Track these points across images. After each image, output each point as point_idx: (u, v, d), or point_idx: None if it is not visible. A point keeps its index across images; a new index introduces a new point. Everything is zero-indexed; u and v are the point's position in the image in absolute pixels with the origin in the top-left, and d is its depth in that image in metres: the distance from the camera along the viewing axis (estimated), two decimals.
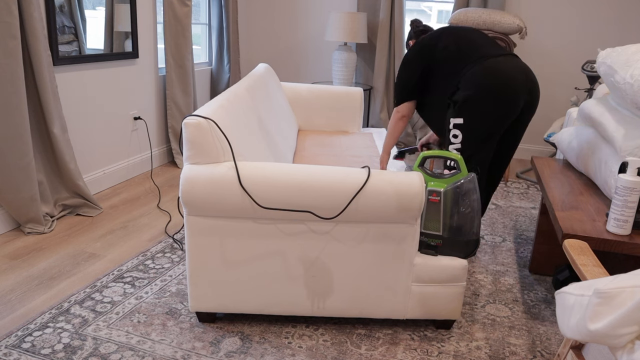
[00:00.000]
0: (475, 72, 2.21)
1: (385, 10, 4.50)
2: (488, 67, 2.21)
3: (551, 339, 1.96)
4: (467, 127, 2.23)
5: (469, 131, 2.23)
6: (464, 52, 2.30)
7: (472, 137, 2.23)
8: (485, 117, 2.20)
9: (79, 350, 1.75)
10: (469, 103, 2.20)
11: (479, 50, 2.29)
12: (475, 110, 2.20)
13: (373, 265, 1.82)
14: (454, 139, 2.27)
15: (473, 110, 2.20)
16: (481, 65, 2.22)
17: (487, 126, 2.22)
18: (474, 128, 2.23)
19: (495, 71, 2.19)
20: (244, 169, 1.70)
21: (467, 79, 2.22)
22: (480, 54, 2.27)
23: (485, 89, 2.17)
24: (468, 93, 2.20)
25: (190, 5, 3.77)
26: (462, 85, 2.23)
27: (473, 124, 2.22)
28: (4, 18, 2.35)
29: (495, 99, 2.17)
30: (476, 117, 2.21)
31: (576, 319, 1.03)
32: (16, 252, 2.43)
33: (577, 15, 4.23)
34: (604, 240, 1.76)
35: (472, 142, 2.25)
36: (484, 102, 2.18)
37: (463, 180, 1.78)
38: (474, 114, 2.20)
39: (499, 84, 2.17)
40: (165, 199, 3.23)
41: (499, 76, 2.18)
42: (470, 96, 2.19)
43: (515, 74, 2.19)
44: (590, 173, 2.32)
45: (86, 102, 3.10)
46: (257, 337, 1.88)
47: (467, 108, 2.21)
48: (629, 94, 1.97)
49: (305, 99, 3.42)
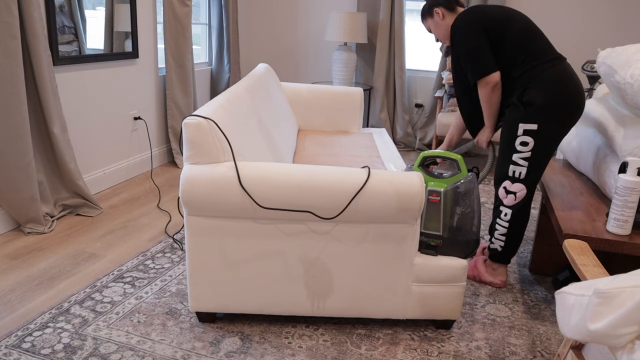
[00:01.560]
0: (555, 74, 2.01)
1: (385, 10, 4.50)
2: (565, 70, 2.03)
3: (551, 339, 1.96)
4: (540, 134, 2.02)
5: (542, 139, 2.03)
6: (538, 43, 2.06)
7: (543, 147, 2.04)
8: (561, 126, 2.02)
9: (79, 350, 1.75)
10: (547, 109, 2.00)
11: (552, 48, 2.08)
12: (553, 118, 2.01)
13: (373, 265, 1.82)
14: (522, 146, 2.06)
15: (550, 117, 2.01)
16: (559, 68, 2.03)
17: (558, 134, 2.05)
18: (547, 136, 2.03)
19: (571, 76, 2.03)
20: (244, 169, 1.70)
21: (544, 81, 2.01)
22: (554, 53, 2.06)
23: (566, 99, 2.00)
24: (546, 98, 1.99)
25: (190, 5, 3.77)
26: (537, 86, 2.01)
27: (547, 131, 2.02)
28: (4, 18, 2.35)
29: (572, 108, 2.02)
30: (552, 125, 2.02)
31: (576, 319, 1.03)
32: (16, 252, 2.43)
33: (577, 15, 4.23)
34: (604, 240, 1.76)
35: (542, 152, 2.05)
36: (563, 111, 2.01)
37: (463, 180, 1.78)
38: (551, 121, 2.01)
39: (576, 93, 2.02)
40: (165, 199, 3.23)
41: (575, 84, 2.03)
42: (549, 102, 2.00)
43: (577, 76, 2.07)
44: (590, 173, 2.32)
45: (86, 102, 3.10)
46: (257, 337, 1.87)
47: (544, 114, 2.00)
48: (629, 94, 1.97)
49: (305, 99, 3.42)
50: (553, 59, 2.04)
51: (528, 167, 2.08)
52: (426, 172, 1.85)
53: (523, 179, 2.11)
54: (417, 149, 4.78)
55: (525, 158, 2.07)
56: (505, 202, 2.18)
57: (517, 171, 2.10)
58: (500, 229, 2.22)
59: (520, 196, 2.14)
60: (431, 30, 2.31)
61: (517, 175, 2.11)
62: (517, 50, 2.04)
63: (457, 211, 1.78)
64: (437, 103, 4.51)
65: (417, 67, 4.87)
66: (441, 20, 2.24)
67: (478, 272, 2.32)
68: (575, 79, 2.04)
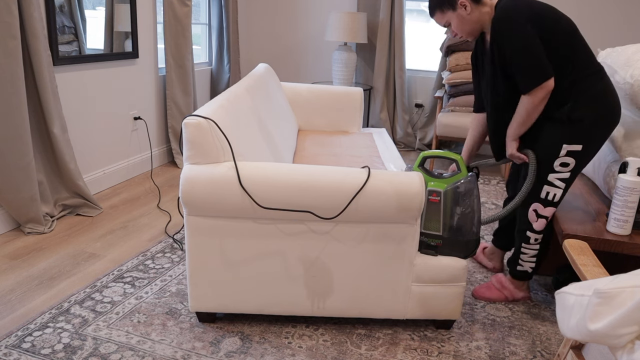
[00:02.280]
0: (603, 88, 1.81)
1: (385, 10, 4.50)
2: (612, 86, 1.85)
3: (551, 339, 1.96)
4: (584, 155, 1.84)
5: (584, 159, 1.85)
6: (582, 51, 1.82)
7: (582, 167, 1.87)
8: (601, 143, 1.86)
9: (79, 350, 1.75)
10: (594, 127, 1.81)
11: (595, 58, 1.85)
12: (597, 137, 1.83)
13: (373, 265, 1.82)
14: (562, 167, 1.87)
15: (595, 136, 1.83)
16: (606, 81, 1.83)
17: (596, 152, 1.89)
18: (589, 156, 1.85)
19: (615, 93, 1.85)
20: (244, 169, 1.70)
21: (597, 96, 1.81)
22: (599, 66, 1.85)
23: (613, 115, 1.82)
24: (598, 114, 1.80)
25: (190, 5, 3.77)
26: (587, 100, 1.81)
27: (590, 150, 1.84)
28: (4, 18, 2.35)
29: (614, 124, 1.85)
30: (596, 144, 1.84)
31: (576, 319, 1.03)
32: (16, 252, 2.43)
33: (577, 15, 4.23)
34: (604, 240, 1.76)
35: (578, 171, 1.88)
36: (608, 130, 1.84)
37: (463, 180, 1.78)
38: (596, 140, 1.83)
39: (620, 108, 1.85)
40: (165, 199, 3.22)
41: (618, 100, 1.84)
42: (598, 120, 1.81)
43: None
44: (590, 173, 2.32)
45: (86, 102, 3.10)
46: (257, 337, 1.87)
47: (590, 133, 1.82)
48: (629, 94, 1.97)
49: (305, 99, 3.42)
50: (598, 70, 1.84)
51: (564, 189, 1.90)
52: (426, 172, 1.85)
53: (556, 202, 1.92)
54: (417, 149, 4.78)
55: (563, 179, 1.88)
56: (535, 227, 1.99)
57: (552, 193, 1.91)
58: (529, 251, 2.06)
59: (549, 219, 1.98)
60: (448, 25, 1.97)
61: (552, 197, 1.91)
62: (563, 57, 1.81)
63: (457, 211, 1.78)
64: (437, 103, 4.51)
65: (417, 67, 4.87)
66: (467, 14, 1.89)
67: (510, 292, 2.16)
68: (616, 92, 1.88)
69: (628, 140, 2.01)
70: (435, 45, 4.93)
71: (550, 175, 1.89)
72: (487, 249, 2.49)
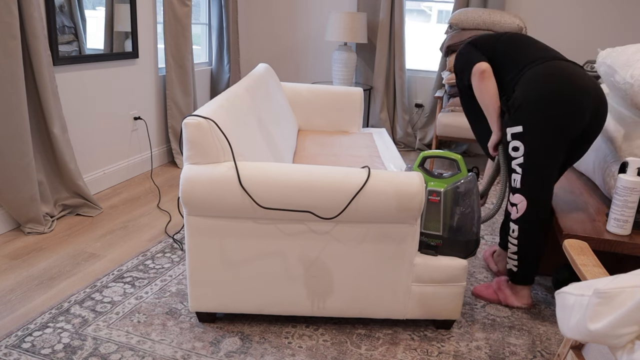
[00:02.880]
0: (537, 71, 1.92)
1: (385, 10, 4.50)
2: (552, 66, 1.92)
3: (551, 339, 1.96)
4: (528, 136, 1.91)
5: (532, 141, 1.91)
6: (526, 50, 2.03)
7: (536, 149, 1.91)
8: (548, 123, 1.88)
9: (79, 350, 1.75)
10: (528, 107, 1.90)
11: (544, 51, 2.01)
12: (536, 116, 1.89)
13: (373, 265, 1.82)
14: (515, 152, 1.96)
15: (533, 116, 1.89)
16: (545, 65, 1.93)
17: (550, 135, 1.89)
18: (536, 137, 1.90)
19: (560, 71, 1.90)
20: (244, 169, 1.70)
21: (527, 79, 1.93)
22: (544, 54, 1.99)
23: (547, 90, 1.88)
24: (527, 95, 1.91)
25: (190, 5, 3.77)
26: (520, 86, 1.95)
27: (535, 131, 1.90)
28: (4, 18, 2.35)
29: (558, 101, 1.87)
30: (538, 123, 1.89)
31: (576, 319, 1.03)
32: (16, 252, 2.43)
33: (577, 15, 4.24)
34: (604, 240, 1.76)
35: (535, 157, 1.92)
36: (547, 106, 1.88)
37: (463, 180, 1.78)
38: (535, 119, 1.89)
39: (566, 88, 1.87)
40: (165, 199, 3.23)
41: (567, 79, 1.88)
42: (530, 99, 1.90)
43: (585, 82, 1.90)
44: (590, 173, 2.32)
45: (86, 102, 3.10)
46: (257, 337, 1.87)
47: (526, 113, 1.91)
48: (629, 94, 1.97)
49: (305, 99, 3.42)
50: (541, 58, 1.97)
51: (522, 174, 1.95)
52: (426, 172, 1.85)
53: (520, 189, 1.97)
54: (417, 149, 4.78)
55: (519, 164, 1.95)
56: (512, 216, 2.03)
57: (514, 179, 1.99)
58: (511, 247, 2.07)
59: (521, 209, 1.98)
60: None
61: (514, 184, 1.99)
62: (507, 59, 2.04)
63: (457, 211, 1.78)
64: (437, 103, 4.51)
65: (417, 67, 4.87)
66: None
67: (504, 296, 2.16)
68: (571, 71, 1.90)
69: (628, 140, 2.01)
70: (435, 45, 4.93)
71: (512, 162, 2.00)
72: (495, 252, 2.47)
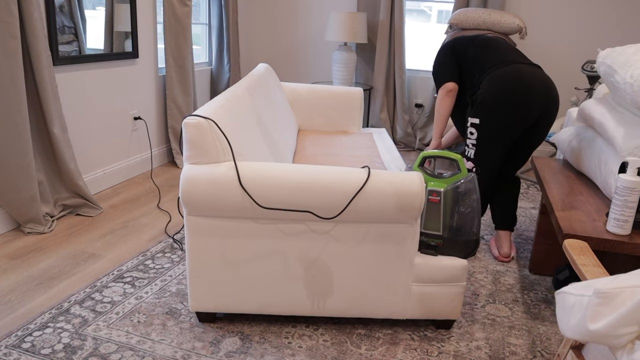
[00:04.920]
0: (498, 74, 2.32)
1: (385, 10, 4.50)
2: (511, 71, 2.31)
3: (551, 339, 1.96)
4: (481, 126, 2.37)
5: (483, 131, 2.37)
6: (492, 54, 2.44)
7: (486, 137, 2.38)
8: (500, 118, 2.32)
9: (79, 350, 1.75)
10: (487, 104, 2.32)
11: (506, 55, 2.42)
12: (492, 112, 2.32)
13: (373, 265, 1.82)
14: (471, 135, 2.44)
15: (490, 112, 2.33)
16: (504, 69, 2.33)
17: (500, 129, 2.35)
18: (488, 128, 2.36)
19: (517, 76, 2.30)
20: (244, 169, 1.70)
21: (489, 80, 2.33)
22: (506, 59, 2.39)
23: (504, 92, 2.29)
24: (488, 94, 2.32)
25: (190, 5, 3.77)
26: (483, 85, 2.35)
27: (487, 124, 2.35)
28: (4, 18, 2.35)
29: (511, 103, 2.28)
30: (492, 118, 2.33)
31: (576, 319, 1.03)
32: (16, 252, 2.43)
33: (577, 15, 4.23)
34: (604, 240, 1.76)
35: (485, 141, 2.39)
36: (501, 105, 2.30)
37: (463, 180, 1.78)
38: (490, 115, 2.33)
39: (519, 89, 2.28)
40: (165, 199, 3.23)
41: (520, 81, 2.29)
42: (489, 97, 2.31)
43: (536, 82, 2.30)
44: (590, 173, 2.32)
45: (86, 102, 3.10)
46: (257, 337, 1.88)
47: (484, 109, 2.34)
48: (629, 94, 1.97)
49: (305, 99, 3.42)
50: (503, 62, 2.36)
51: (475, 151, 2.44)
52: (426, 172, 1.85)
53: (472, 159, 2.48)
54: (417, 149, 4.78)
55: (472, 144, 2.43)
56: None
57: (467, 151, 2.48)
58: None
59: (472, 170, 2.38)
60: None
61: (468, 154, 2.49)
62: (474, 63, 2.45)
63: (457, 211, 1.78)
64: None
65: (417, 67, 4.87)
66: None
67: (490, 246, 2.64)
68: (527, 76, 2.30)
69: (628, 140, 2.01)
70: (435, 46, 4.93)
71: (467, 140, 2.46)
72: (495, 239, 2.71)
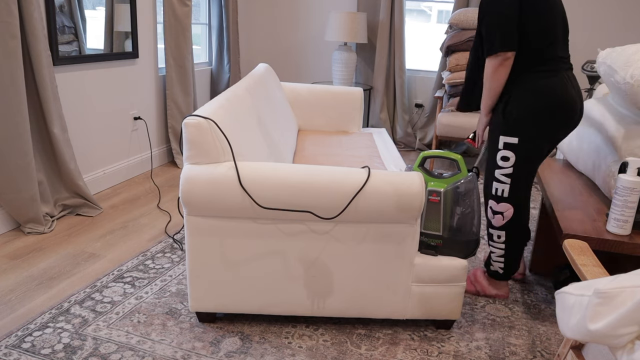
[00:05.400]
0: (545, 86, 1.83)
1: (385, 10, 4.50)
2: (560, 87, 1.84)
3: (551, 339, 1.96)
4: (522, 147, 1.86)
5: (525, 152, 1.87)
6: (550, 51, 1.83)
7: (527, 158, 1.88)
8: (542, 135, 1.86)
9: (79, 350, 1.75)
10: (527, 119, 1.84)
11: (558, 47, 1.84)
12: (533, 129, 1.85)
13: (373, 265, 1.82)
14: (504, 162, 1.90)
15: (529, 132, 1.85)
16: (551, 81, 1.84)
17: (541, 145, 1.88)
18: (529, 148, 1.86)
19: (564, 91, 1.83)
20: (244, 169, 1.70)
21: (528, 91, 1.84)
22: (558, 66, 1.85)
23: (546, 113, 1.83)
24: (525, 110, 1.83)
25: (190, 5, 3.76)
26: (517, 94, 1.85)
27: (530, 143, 1.85)
28: (4, 18, 2.35)
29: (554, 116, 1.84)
30: (533, 136, 1.86)
31: (576, 319, 1.03)
32: (16, 252, 2.43)
33: (577, 15, 4.23)
34: (604, 240, 1.76)
35: (526, 164, 1.88)
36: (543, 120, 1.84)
37: (463, 180, 1.78)
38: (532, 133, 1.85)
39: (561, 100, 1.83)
40: (165, 199, 3.22)
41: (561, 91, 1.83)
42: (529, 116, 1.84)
43: (575, 88, 1.88)
44: (590, 173, 2.32)
45: (86, 102, 3.10)
46: (257, 337, 1.87)
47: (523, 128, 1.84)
48: (629, 94, 1.97)
49: (305, 99, 3.42)
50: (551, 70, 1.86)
51: (511, 184, 1.92)
52: (426, 172, 1.85)
53: (507, 198, 1.95)
54: (417, 149, 4.78)
55: (507, 175, 1.91)
56: (494, 223, 2.03)
57: (500, 189, 1.95)
58: (496, 251, 2.07)
59: (507, 216, 1.99)
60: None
61: (501, 193, 1.95)
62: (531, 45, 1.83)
63: (457, 211, 1.78)
64: (437, 103, 4.51)
65: (417, 67, 4.87)
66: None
67: (482, 287, 2.19)
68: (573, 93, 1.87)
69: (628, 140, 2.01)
70: (435, 45, 4.93)
71: (496, 172, 1.94)
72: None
